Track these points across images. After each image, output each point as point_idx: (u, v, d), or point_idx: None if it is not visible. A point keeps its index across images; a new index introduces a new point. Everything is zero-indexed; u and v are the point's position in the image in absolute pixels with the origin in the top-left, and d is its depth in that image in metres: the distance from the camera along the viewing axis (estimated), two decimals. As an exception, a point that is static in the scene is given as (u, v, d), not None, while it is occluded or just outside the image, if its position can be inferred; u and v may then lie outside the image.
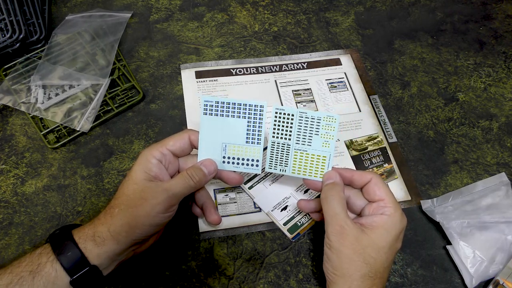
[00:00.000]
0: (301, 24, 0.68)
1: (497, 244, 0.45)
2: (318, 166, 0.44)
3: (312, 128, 0.43)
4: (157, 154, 0.41)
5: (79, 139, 0.54)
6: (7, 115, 0.56)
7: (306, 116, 0.43)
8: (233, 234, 0.48)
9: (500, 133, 0.57)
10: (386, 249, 0.38)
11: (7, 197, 0.49)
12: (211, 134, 0.43)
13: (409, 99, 0.60)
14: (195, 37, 0.66)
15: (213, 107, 0.43)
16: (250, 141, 0.43)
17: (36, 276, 0.35)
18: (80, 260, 0.36)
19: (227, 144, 0.43)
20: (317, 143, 0.43)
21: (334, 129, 0.43)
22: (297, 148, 0.44)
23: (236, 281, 0.45)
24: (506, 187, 0.49)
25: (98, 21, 0.65)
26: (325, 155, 0.43)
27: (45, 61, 0.58)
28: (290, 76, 0.61)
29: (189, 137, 0.43)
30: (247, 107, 0.43)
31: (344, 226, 0.38)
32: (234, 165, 0.44)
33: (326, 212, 0.40)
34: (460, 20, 0.70)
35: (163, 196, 0.38)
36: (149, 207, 0.38)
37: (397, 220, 0.39)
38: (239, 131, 0.43)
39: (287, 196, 0.50)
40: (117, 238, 0.37)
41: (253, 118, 0.43)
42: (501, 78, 0.63)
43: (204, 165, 0.42)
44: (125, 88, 0.58)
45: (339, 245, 0.37)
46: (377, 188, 0.40)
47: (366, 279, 0.36)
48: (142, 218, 0.38)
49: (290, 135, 0.43)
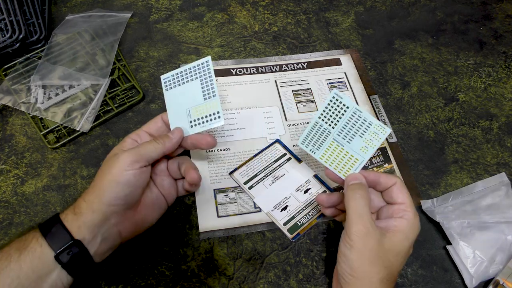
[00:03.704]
0: (301, 24, 0.68)
1: (497, 244, 0.45)
2: (347, 165, 0.44)
3: (360, 128, 0.43)
4: (133, 135, 0.44)
5: (79, 139, 0.54)
6: (7, 115, 0.56)
7: (359, 115, 0.43)
8: (233, 234, 0.48)
9: (500, 133, 0.57)
10: (403, 254, 0.38)
11: (7, 197, 0.49)
12: (175, 105, 0.47)
13: (409, 99, 0.60)
14: (195, 37, 0.66)
15: (171, 81, 0.47)
16: (207, 97, 0.45)
17: (22, 252, 0.35)
18: (63, 235, 0.37)
19: (189, 108, 0.46)
20: (357, 144, 0.43)
21: (380, 140, 0.43)
22: (336, 139, 0.44)
23: (236, 281, 0.45)
24: (506, 187, 0.49)
25: (98, 21, 0.65)
26: (358, 158, 0.43)
27: (45, 61, 0.58)
28: (290, 76, 0.61)
29: (162, 118, 0.47)
30: (195, 68, 0.46)
31: (369, 227, 0.37)
32: (201, 126, 0.45)
33: (353, 211, 0.39)
34: (460, 20, 0.70)
35: (126, 154, 0.40)
36: (116, 167, 0.39)
37: (415, 226, 0.39)
38: (196, 92, 0.46)
39: (287, 196, 0.50)
40: (91, 206, 0.38)
41: (203, 75, 0.46)
42: (501, 78, 0.63)
43: (171, 132, 0.45)
44: (125, 88, 0.58)
45: (362, 247, 0.37)
46: (400, 192, 0.40)
47: (383, 282, 0.36)
48: (108, 176, 0.39)
49: (335, 124, 0.44)
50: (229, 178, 0.51)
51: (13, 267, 0.35)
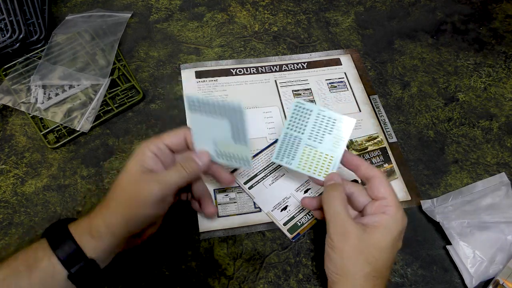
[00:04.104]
0: (301, 24, 0.68)
1: (497, 244, 0.45)
2: (324, 165, 0.44)
3: (327, 127, 0.44)
4: (153, 148, 0.41)
5: (79, 139, 0.54)
6: (7, 115, 0.56)
7: (324, 115, 0.44)
8: (233, 234, 0.48)
9: (500, 133, 0.57)
10: (388, 249, 0.38)
11: (7, 197, 0.49)
12: (202, 130, 0.43)
13: (409, 99, 0.60)
14: (195, 37, 0.66)
15: (196, 105, 0.42)
16: (237, 141, 0.42)
17: (33, 270, 0.35)
18: (77, 254, 0.36)
19: (217, 140, 0.43)
20: (328, 142, 0.44)
21: (348, 131, 0.44)
22: (308, 144, 0.44)
23: (236, 281, 0.45)
24: (506, 187, 0.49)
25: (98, 21, 0.65)
26: (333, 155, 0.44)
27: (45, 61, 0.58)
28: (290, 76, 0.61)
29: (185, 136, 0.43)
30: (225, 107, 0.41)
31: (347, 226, 0.38)
32: (228, 160, 0.44)
33: (328, 212, 0.40)
34: (460, 20, 0.70)
35: (157, 187, 0.38)
36: (143, 198, 0.38)
37: (398, 220, 0.39)
38: (225, 131, 0.42)
39: (287, 196, 0.50)
40: (113, 231, 0.37)
41: (234, 120, 0.41)
42: (501, 78, 0.63)
43: (197, 156, 0.42)
44: (125, 88, 0.58)
45: (342, 245, 0.37)
46: (381, 185, 0.40)
47: (369, 278, 0.36)
48: (137, 209, 0.38)
49: (304, 129, 0.44)
50: (229, 178, 0.51)
51: (23, 284, 0.35)
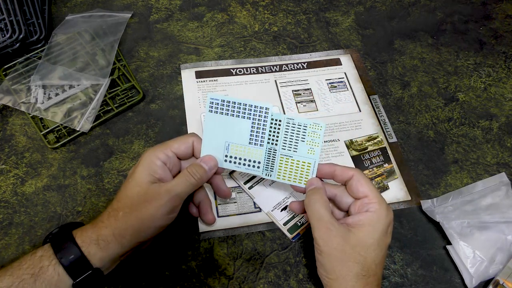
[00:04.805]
0: (301, 24, 0.68)
1: (497, 244, 0.45)
2: (303, 172, 0.44)
3: (298, 134, 0.44)
4: (162, 156, 0.41)
5: (79, 139, 0.54)
6: (7, 115, 0.56)
7: (293, 123, 0.44)
8: (233, 234, 0.48)
9: (500, 133, 0.57)
10: (375, 246, 0.38)
11: (7, 197, 0.49)
12: (215, 132, 0.43)
13: (409, 99, 0.60)
14: (195, 37, 0.66)
15: (219, 106, 0.43)
16: (253, 143, 0.43)
17: (38, 279, 0.35)
18: (83, 264, 0.36)
19: (230, 143, 0.43)
20: (303, 150, 0.44)
21: (320, 137, 0.43)
22: (283, 154, 0.44)
23: (236, 281, 0.45)
24: (506, 187, 0.49)
25: (98, 21, 0.65)
26: (310, 161, 0.44)
27: (45, 61, 0.58)
28: (290, 76, 0.61)
29: (193, 144, 0.43)
30: (252, 108, 0.43)
31: (330, 228, 0.38)
32: (236, 165, 0.44)
33: (311, 217, 0.39)
34: (460, 20, 0.70)
35: (167, 197, 0.38)
36: (153, 209, 0.38)
37: (382, 216, 0.38)
38: (243, 132, 0.43)
39: (287, 196, 0.50)
40: (121, 241, 0.37)
41: (258, 120, 0.43)
42: (501, 78, 0.63)
43: (204, 162, 0.42)
44: (125, 88, 0.58)
45: (328, 248, 0.37)
46: (360, 184, 0.40)
47: (359, 278, 0.36)
48: (147, 221, 0.38)
49: (277, 141, 0.44)
50: (229, 178, 0.51)
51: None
